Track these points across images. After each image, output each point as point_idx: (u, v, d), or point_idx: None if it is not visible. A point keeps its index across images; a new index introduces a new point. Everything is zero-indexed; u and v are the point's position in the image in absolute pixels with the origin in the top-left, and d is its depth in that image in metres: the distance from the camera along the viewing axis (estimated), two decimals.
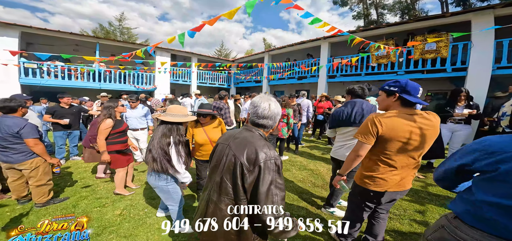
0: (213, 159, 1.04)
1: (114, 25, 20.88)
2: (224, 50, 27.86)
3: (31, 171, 2.24)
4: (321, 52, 8.77)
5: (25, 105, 2.28)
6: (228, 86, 14.20)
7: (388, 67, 6.37)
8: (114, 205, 2.59)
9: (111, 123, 2.51)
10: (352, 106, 1.92)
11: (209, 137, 2.33)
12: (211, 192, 0.98)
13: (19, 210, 2.31)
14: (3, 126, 2.07)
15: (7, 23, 6.79)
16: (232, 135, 1.02)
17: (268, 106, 0.98)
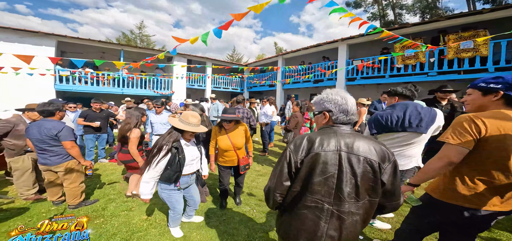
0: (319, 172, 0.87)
1: (134, 33, 22.27)
2: (236, 55, 28.35)
3: (66, 173, 2.34)
4: (339, 54, 8.46)
5: (63, 109, 2.40)
6: (241, 91, 14.27)
7: (416, 68, 5.91)
8: (140, 209, 2.61)
9: (139, 132, 2.53)
10: (403, 109, 1.67)
11: (233, 143, 2.27)
12: (340, 205, 0.87)
13: (53, 211, 2.42)
14: (43, 129, 2.19)
15: (45, 33, 7.47)
16: (333, 140, 0.89)
17: (353, 100, 0.97)
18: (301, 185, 0.92)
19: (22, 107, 2.67)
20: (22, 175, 2.50)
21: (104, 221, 2.30)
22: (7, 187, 3.05)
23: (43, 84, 7.38)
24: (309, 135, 0.93)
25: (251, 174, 3.71)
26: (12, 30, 6.94)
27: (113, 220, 2.33)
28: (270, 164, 4.35)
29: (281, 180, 0.93)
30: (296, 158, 0.90)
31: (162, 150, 1.66)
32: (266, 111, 4.94)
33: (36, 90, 7.23)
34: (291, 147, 0.93)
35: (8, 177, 3.27)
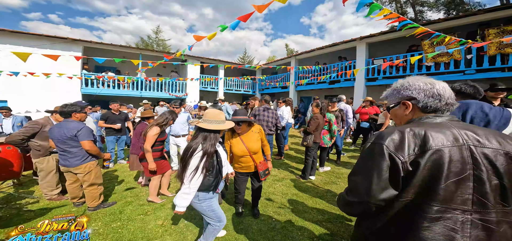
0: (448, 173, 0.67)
1: (152, 38, 23.34)
2: (247, 57, 28.49)
3: (85, 174, 2.36)
4: (357, 53, 8.02)
5: (80, 111, 2.42)
6: (253, 93, 14.24)
7: (450, 66, 5.34)
8: (155, 213, 2.56)
9: (158, 130, 2.50)
10: (462, 109, 1.39)
11: (247, 147, 2.08)
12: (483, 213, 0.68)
13: (74, 212, 2.44)
14: (63, 129, 2.24)
15: (73, 39, 8.05)
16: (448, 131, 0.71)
17: (443, 84, 0.81)
18: (416, 193, 0.70)
19: (51, 109, 2.77)
20: (46, 176, 2.58)
21: (121, 225, 2.27)
22: (34, 187, 3.19)
23: (70, 88, 7.89)
24: (407, 127, 0.73)
25: (268, 179, 3.53)
26: (44, 37, 7.56)
27: (129, 225, 2.29)
28: (286, 168, 4.14)
29: (380, 187, 0.71)
30: (403, 158, 0.69)
31: (207, 156, 1.44)
32: (282, 113, 4.74)
33: (64, 93, 7.75)
34: (387, 143, 0.71)
35: (35, 177, 3.43)
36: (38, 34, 7.51)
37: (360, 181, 0.78)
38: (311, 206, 2.72)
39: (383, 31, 7.31)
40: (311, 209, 2.64)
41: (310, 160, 3.42)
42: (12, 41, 7.07)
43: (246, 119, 2.07)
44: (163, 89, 10.43)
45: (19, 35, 7.34)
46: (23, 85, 7.10)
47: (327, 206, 2.73)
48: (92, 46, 8.60)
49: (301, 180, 3.49)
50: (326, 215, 2.50)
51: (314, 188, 3.24)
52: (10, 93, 7.28)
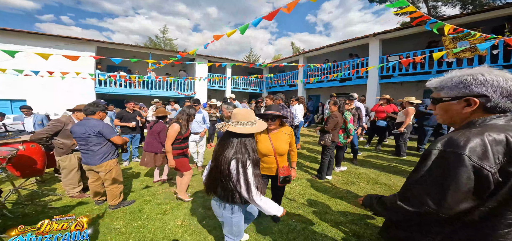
0: None
1: (159, 38, 23.65)
2: (253, 56, 28.41)
3: (106, 173, 2.38)
4: (370, 50, 7.77)
5: (105, 110, 2.49)
6: (260, 91, 14.19)
7: (474, 61, 5.06)
8: (174, 213, 2.56)
9: (179, 128, 2.48)
10: None
11: (274, 147, 1.95)
12: None
13: (96, 210, 2.47)
14: (86, 127, 2.26)
15: (87, 40, 8.24)
16: None
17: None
18: (500, 201, 0.64)
19: (72, 108, 2.81)
20: (68, 173, 2.62)
21: (141, 224, 2.28)
22: (56, 184, 3.27)
23: (85, 88, 8.09)
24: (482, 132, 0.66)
25: None
26: (60, 37, 7.77)
27: (149, 224, 2.29)
28: (300, 167, 4.06)
29: (457, 199, 0.65)
30: (491, 168, 0.62)
31: (248, 166, 1.25)
32: (295, 112, 4.64)
33: (79, 93, 7.96)
34: (468, 152, 0.63)
35: (57, 174, 3.52)
36: (54, 35, 7.72)
37: (426, 192, 0.71)
38: (332, 207, 2.63)
39: (397, 28, 7.04)
40: (332, 210, 2.56)
41: (326, 159, 3.33)
42: (29, 42, 7.30)
43: (281, 115, 1.94)
44: (172, 88, 10.54)
45: (36, 36, 7.56)
46: (40, 85, 7.33)
47: (349, 207, 2.64)
48: (104, 46, 8.77)
49: (317, 180, 3.41)
50: (349, 217, 2.42)
51: (333, 188, 3.16)
52: (28, 93, 7.54)
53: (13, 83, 7.04)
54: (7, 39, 7.00)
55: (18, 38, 7.21)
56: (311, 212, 2.51)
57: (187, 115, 2.60)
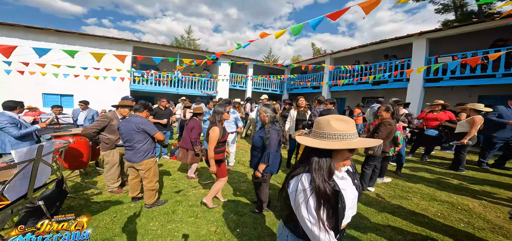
0: None
1: (184, 38, 24.79)
2: (272, 57, 28.13)
3: (146, 171, 2.37)
4: (414, 50, 6.93)
5: (151, 109, 2.52)
6: (281, 93, 13.86)
7: None
8: (206, 217, 2.45)
9: (219, 131, 2.35)
10: None
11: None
12: None
13: (133, 208, 2.48)
14: (131, 124, 2.29)
15: (126, 40, 8.93)
16: None
17: None
18: None
19: (116, 104, 2.88)
20: (110, 168, 2.69)
21: (175, 227, 2.20)
22: (96, 177, 3.43)
23: (121, 85, 8.69)
24: None
25: None
26: (104, 38, 8.55)
27: (183, 228, 2.20)
28: None
29: None
30: None
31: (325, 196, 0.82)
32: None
33: (116, 89, 8.58)
34: None
35: (98, 168, 3.72)
36: (99, 36, 8.46)
37: None
38: (382, 223, 2.30)
39: (449, 26, 6.13)
40: (383, 226, 2.23)
41: (369, 169, 2.96)
42: (79, 42, 8.12)
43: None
44: (196, 87, 10.83)
45: (85, 37, 8.37)
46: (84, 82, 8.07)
47: (405, 223, 2.29)
48: (139, 46, 9.36)
49: None
50: (408, 236, 2.07)
51: (378, 202, 2.78)
52: (75, 89, 8.35)
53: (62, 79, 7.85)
54: (63, 39, 7.88)
55: (71, 39, 8.06)
56: (356, 227, 2.20)
57: (217, 116, 2.46)
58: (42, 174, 1.34)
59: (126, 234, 2.01)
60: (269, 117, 2.21)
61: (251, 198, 3.01)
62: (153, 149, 2.47)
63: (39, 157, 1.23)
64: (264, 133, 2.17)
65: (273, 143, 2.12)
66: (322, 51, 31.91)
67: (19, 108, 3.02)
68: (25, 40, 7.25)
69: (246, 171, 4.12)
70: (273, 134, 2.12)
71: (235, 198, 2.99)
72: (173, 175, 3.67)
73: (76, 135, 2.97)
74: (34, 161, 1.20)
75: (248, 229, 2.28)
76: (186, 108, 6.02)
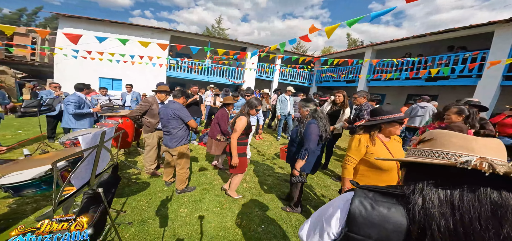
0: None
1: (214, 27, 25.26)
2: (300, 47, 26.42)
3: (179, 157, 2.47)
4: (494, 42, 5.47)
5: (187, 96, 2.56)
6: (309, 85, 13.05)
7: None
8: (231, 209, 2.47)
9: (246, 121, 2.28)
10: None
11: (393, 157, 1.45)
12: None
13: (165, 192, 2.64)
14: (169, 109, 2.39)
15: (165, 29, 9.54)
16: None
17: None
18: None
19: (155, 89, 3.06)
20: (150, 150, 2.90)
21: (202, 215, 2.25)
22: (136, 157, 3.79)
23: (159, 71, 9.45)
24: None
25: None
26: (147, 27, 9.27)
27: (209, 217, 2.26)
28: None
29: None
30: None
31: None
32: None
33: (154, 75, 9.36)
34: None
35: (139, 148, 4.11)
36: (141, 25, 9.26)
37: None
38: None
39: None
40: None
41: None
42: (127, 32, 8.96)
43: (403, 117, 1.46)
44: (224, 76, 11.00)
45: (133, 27, 9.22)
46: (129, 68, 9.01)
47: None
48: (176, 35, 9.92)
49: None
50: None
51: None
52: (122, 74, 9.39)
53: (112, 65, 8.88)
54: (115, 29, 8.83)
55: (121, 29, 8.97)
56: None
57: (249, 108, 2.36)
58: (103, 160, 1.43)
59: (158, 218, 2.14)
60: (309, 111, 2.07)
61: (277, 194, 2.92)
62: (187, 136, 2.54)
63: (101, 143, 1.30)
64: (301, 126, 2.05)
65: (312, 137, 1.95)
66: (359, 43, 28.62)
67: (86, 90, 3.58)
68: (87, 31, 8.35)
69: (272, 164, 4.03)
70: (312, 128, 1.96)
71: (260, 191, 2.94)
72: (200, 161, 3.82)
73: (124, 116, 3.28)
74: (97, 147, 1.27)
75: (274, 226, 2.24)
76: (216, 96, 6.15)
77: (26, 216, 2.00)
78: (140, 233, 1.93)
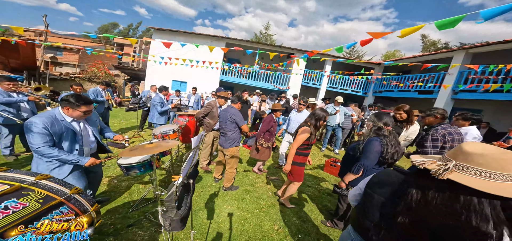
0: None
1: (262, 33, 25.87)
2: (354, 52, 23.24)
3: (230, 157, 2.79)
4: None
5: (243, 102, 2.87)
6: (364, 94, 11.45)
7: None
8: (269, 212, 2.61)
9: (309, 134, 2.26)
10: None
11: None
12: None
13: (214, 187, 3.03)
14: (227, 113, 2.73)
15: (221, 37, 10.62)
16: None
17: None
18: None
19: (215, 93, 3.54)
20: (206, 147, 3.39)
21: (242, 216, 2.48)
22: None
23: (213, 75, 10.68)
24: None
25: None
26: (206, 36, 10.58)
27: (249, 218, 2.46)
28: None
29: None
30: None
31: None
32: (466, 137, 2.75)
33: (209, 79, 10.63)
34: None
35: None
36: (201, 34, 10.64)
37: None
38: None
39: None
40: None
41: None
42: (192, 40, 10.43)
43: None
44: (269, 81, 11.20)
45: (197, 36, 10.65)
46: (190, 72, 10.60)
47: None
48: (230, 42, 10.91)
49: None
50: None
51: None
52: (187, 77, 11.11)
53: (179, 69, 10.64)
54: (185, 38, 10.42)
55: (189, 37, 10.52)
56: None
57: (316, 120, 2.30)
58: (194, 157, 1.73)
59: (206, 210, 2.49)
60: (372, 125, 1.88)
61: (318, 206, 2.87)
62: (239, 139, 2.83)
63: (201, 143, 1.65)
64: (361, 142, 1.91)
65: (372, 154, 1.78)
66: (442, 45, 22.57)
67: (164, 92, 4.59)
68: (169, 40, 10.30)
69: (314, 175, 3.94)
70: (374, 144, 1.78)
71: (300, 201, 2.96)
72: (244, 163, 4.13)
73: (190, 115, 3.96)
74: (197, 148, 1.65)
75: (310, 238, 2.26)
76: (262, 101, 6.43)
77: (121, 193, 2.66)
78: (193, 221, 2.26)
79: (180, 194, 1.45)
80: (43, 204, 1.06)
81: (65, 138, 1.72)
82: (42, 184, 1.18)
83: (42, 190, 1.13)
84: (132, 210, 2.28)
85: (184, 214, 1.45)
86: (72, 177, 1.75)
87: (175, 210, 1.40)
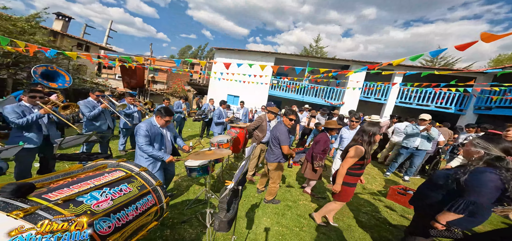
0: None
1: (312, 46, 24.89)
2: (441, 59, 18.09)
3: (273, 171, 2.90)
4: None
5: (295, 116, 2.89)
6: (458, 112, 8.93)
7: None
8: (311, 233, 2.53)
9: (362, 152, 2.12)
10: None
11: None
12: None
13: (256, 198, 3.18)
14: (275, 130, 2.81)
15: (270, 53, 11.19)
16: None
17: None
18: None
19: (266, 108, 3.77)
20: (252, 159, 3.64)
21: (281, 231, 2.50)
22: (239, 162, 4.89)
23: (262, 90, 11.25)
24: None
25: None
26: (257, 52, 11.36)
27: (287, 234, 2.46)
28: None
29: None
30: None
31: None
32: None
33: (258, 94, 11.23)
34: None
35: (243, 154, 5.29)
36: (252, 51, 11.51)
37: None
38: None
39: None
40: None
41: None
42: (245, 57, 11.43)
43: None
44: (320, 96, 10.59)
45: (250, 53, 11.55)
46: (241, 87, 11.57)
47: None
48: (279, 57, 11.29)
49: None
50: None
51: None
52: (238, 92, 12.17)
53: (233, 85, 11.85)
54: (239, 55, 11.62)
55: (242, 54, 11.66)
56: None
57: (369, 137, 2.14)
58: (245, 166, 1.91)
59: (246, 219, 2.65)
60: (484, 153, 1.45)
61: (373, 236, 2.57)
62: (283, 156, 2.82)
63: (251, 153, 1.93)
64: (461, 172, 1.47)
65: (486, 190, 1.36)
66: None
67: (223, 105, 5.42)
68: (227, 59, 11.61)
69: (372, 200, 3.53)
70: (490, 177, 1.37)
71: (350, 226, 2.73)
72: (288, 178, 4.12)
73: (241, 128, 4.38)
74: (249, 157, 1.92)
75: None
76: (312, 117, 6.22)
77: (181, 191, 3.24)
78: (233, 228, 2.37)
79: (230, 198, 1.61)
80: (140, 190, 1.53)
81: (156, 140, 2.39)
82: (142, 175, 1.68)
83: (141, 180, 1.63)
84: (187, 208, 2.72)
85: (231, 217, 1.64)
86: (158, 173, 2.37)
87: (225, 212, 1.58)
